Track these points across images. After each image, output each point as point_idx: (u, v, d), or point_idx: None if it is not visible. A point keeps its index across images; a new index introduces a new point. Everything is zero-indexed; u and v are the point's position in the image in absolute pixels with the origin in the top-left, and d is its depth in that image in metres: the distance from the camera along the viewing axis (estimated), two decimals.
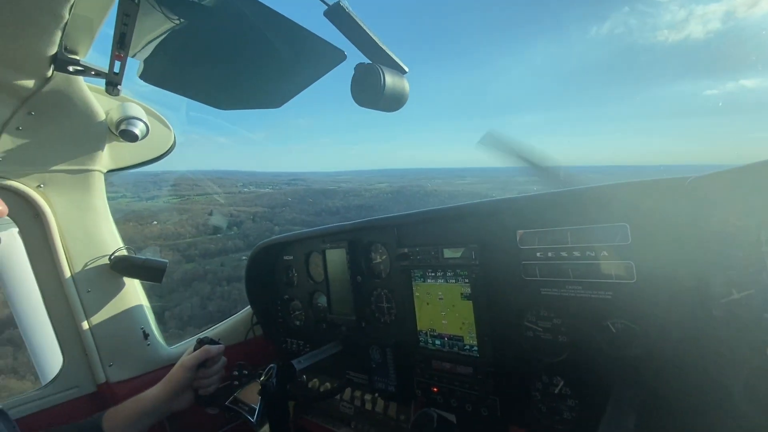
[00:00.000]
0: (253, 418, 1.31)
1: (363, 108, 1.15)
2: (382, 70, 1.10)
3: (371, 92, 1.11)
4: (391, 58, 1.15)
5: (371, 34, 1.09)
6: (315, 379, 2.03)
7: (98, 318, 1.71)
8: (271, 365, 1.42)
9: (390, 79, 1.12)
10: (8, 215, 1.55)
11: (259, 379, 1.43)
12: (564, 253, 1.14)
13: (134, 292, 1.84)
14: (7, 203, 1.54)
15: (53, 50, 1.13)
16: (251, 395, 1.39)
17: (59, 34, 1.06)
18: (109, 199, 1.81)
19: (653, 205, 0.98)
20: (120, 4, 0.99)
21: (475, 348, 1.33)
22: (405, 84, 1.18)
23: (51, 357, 2.42)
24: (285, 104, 1.47)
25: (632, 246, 1.01)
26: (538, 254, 1.19)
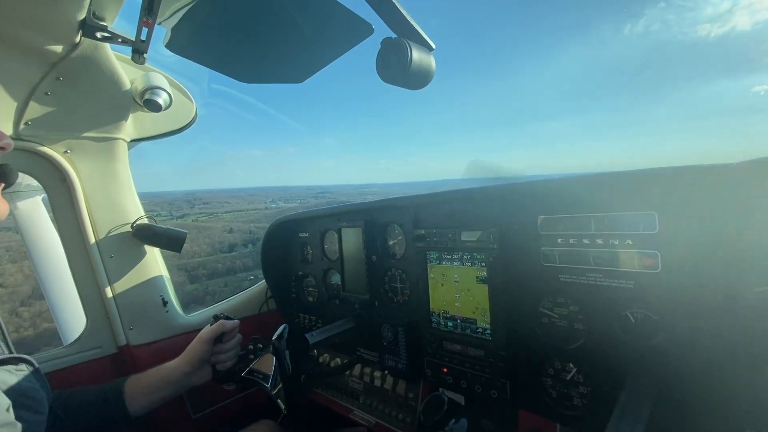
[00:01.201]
0: (268, 384, 1.34)
1: (388, 86, 1.13)
2: (409, 45, 1.08)
3: (397, 67, 1.09)
4: (419, 33, 1.12)
5: (400, 8, 1.07)
6: (326, 354, 2.07)
7: (120, 283, 1.76)
8: (284, 325, 1.45)
9: (417, 55, 1.10)
10: (36, 179, 1.60)
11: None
12: (586, 240, 1.12)
13: (154, 261, 1.88)
14: (35, 167, 1.59)
15: (82, 15, 1.13)
16: (266, 364, 1.43)
17: None
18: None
19: (686, 193, 0.95)
20: None
21: (488, 331, 1.33)
22: (431, 61, 1.15)
23: (72, 319, 2.53)
24: (308, 79, 1.46)
25: (659, 235, 0.99)
26: (558, 240, 1.18)
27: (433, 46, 1.16)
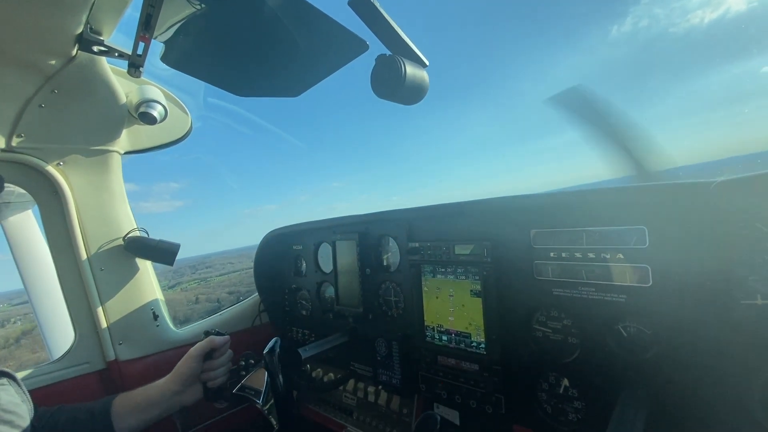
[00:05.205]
0: (259, 400, 1.32)
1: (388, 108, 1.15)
2: (402, 61, 1.10)
3: (391, 84, 1.11)
4: (413, 50, 1.14)
5: (394, 26, 1.09)
6: (319, 369, 2.04)
7: (110, 297, 1.74)
8: (275, 338, 1.43)
9: (410, 71, 1.12)
10: (27, 191, 1.59)
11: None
12: (578, 254, 1.13)
13: (146, 274, 1.86)
14: (27, 179, 1.58)
15: (79, 29, 1.14)
16: (258, 380, 1.40)
17: (86, 13, 1.07)
18: None
19: (674, 208, 0.96)
20: None
21: (483, 345, 1.33)
22: (425, 77, 1.18)
23: (60, 333, 2.48)
24: (304, 94, 1.48)
25: (649, 250, 1.00)
26: (551, 254, 1.18)
27: (427, 63, 1.18)
